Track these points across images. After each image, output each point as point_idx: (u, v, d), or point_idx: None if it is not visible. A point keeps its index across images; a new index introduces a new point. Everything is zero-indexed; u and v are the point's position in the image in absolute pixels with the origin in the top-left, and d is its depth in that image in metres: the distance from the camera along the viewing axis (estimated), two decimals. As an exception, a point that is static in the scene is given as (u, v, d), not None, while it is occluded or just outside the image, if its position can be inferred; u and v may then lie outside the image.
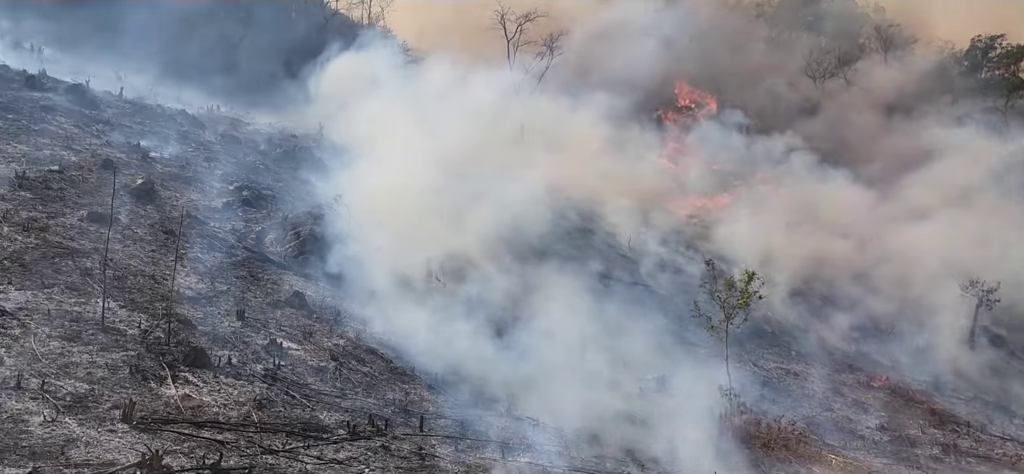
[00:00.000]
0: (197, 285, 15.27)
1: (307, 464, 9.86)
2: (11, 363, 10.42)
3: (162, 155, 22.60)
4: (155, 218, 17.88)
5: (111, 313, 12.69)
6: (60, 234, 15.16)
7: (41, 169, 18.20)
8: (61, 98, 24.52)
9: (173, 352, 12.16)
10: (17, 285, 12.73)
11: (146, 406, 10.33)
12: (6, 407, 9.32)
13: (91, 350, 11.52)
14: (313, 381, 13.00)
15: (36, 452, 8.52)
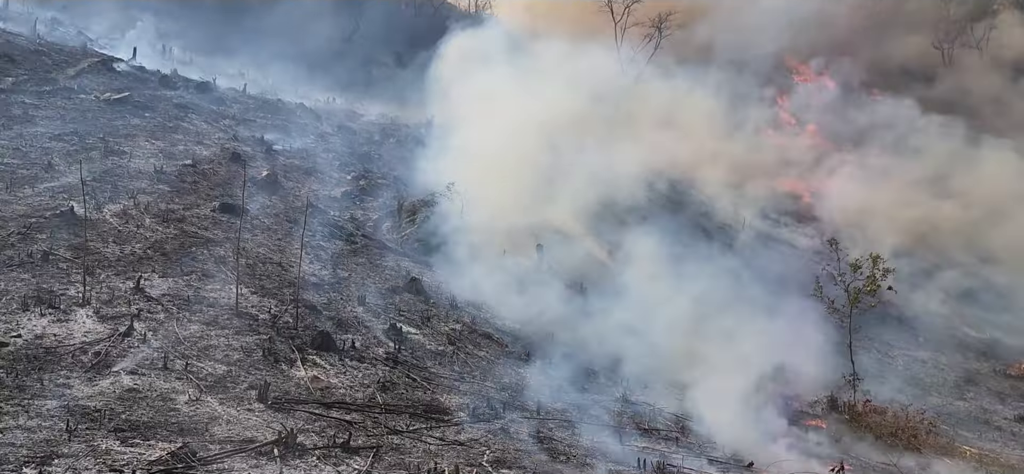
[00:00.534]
0: (320, 272, 15.92)
1: (430, 445, 10.17)
2: (157, 345, 11.16)
3: (284, 147, 23.59)
4: (280, 208, 18.72)
5: (243, 299, 13.40)
6: (195, 225, 16.08)
7: (176, 164, 19.33)
8: (191, 96, 25.92)
9: (301, 336, 12.75)
10: (160, 273, 13.60)
11: (279, 387, 10.89)
12: (156, 386, 10.01)
13: (227, 334, 12.21)
14: (432, 364, 13.37)
15: (184, 428, 9.12)
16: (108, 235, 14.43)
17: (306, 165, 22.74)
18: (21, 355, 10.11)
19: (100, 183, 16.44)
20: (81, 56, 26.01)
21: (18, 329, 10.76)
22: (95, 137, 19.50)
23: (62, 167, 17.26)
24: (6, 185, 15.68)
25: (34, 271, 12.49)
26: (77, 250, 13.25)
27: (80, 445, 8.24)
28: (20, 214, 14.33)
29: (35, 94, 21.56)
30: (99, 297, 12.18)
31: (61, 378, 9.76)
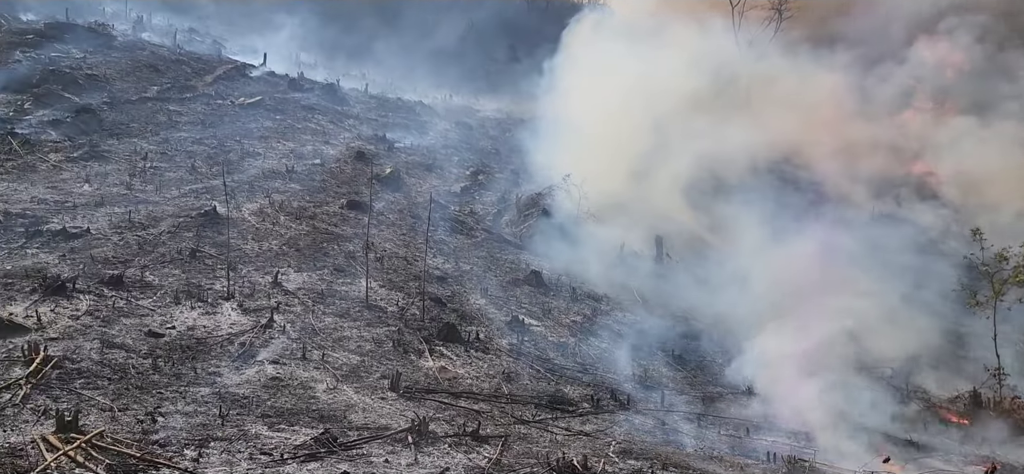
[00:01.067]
0: (443, 265, 16.34)
1: (557, 435, 10.32)
2: (296, 336, 11.77)
3: (405, 145, 24.30)
4: (403, 204, 19.31)
5: (373, 292, 13.94)
6: (326, 221, 16.81)
7: (306, 163, 20.25)
8: (317, 98, 27.03)
9: (428, 328, 13.17)
10: (295, 267, 14.31)
11: (409, 376, 11.29)
12: (296, 375, 10.58)
13: (359, 326, 12.74)
14: (554, 356, 13.52)
15: (324, 415, 9.61)
16: (247, 232, 15.29)
17: (426, 161, 23.34)
18: (176, 345, 10.88)
19: (238, 183, 17.41)
20: (217, 64, 27.55)
21: (172, 321, 11.57)
22: (232, 140, 20.67)
23: (204, 169, 18.38)
24: (156, 187, 16.85)
25: (184, 267, 13.39)
26: (221, 247, 14.11)
27: (232, 429, 8.82)
28: (169, 214, 15.38)
29: (178, 101, 23.02)
30: (242, 291, 12.94)
31: (212, 367, 10.44)
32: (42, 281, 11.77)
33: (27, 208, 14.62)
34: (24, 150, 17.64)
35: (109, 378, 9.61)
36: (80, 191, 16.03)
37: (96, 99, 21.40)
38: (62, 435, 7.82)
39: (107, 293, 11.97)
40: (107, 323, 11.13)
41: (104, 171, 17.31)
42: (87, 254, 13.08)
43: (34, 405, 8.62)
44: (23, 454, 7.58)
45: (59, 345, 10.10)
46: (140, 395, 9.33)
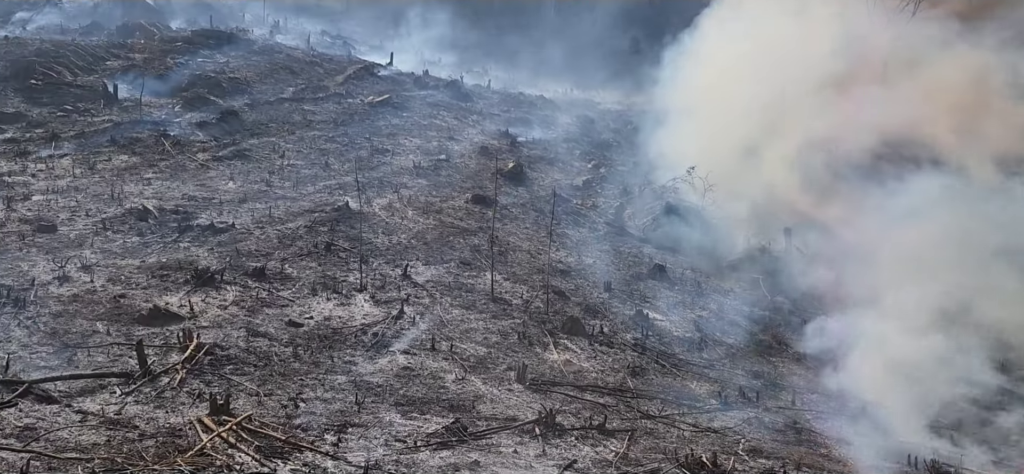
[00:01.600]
0: (566, 259, 16.41)
1: (684, 431, 10.21)
2: (425, 328, 12.12)
3: (527, 139, 24.51)
4: (526, 198, 19.51)
5: (498, 285, 14.17)
6: (451, 216, 17.21)
7: (432, 159, 20.78)
8: (441, 94, 27.66)
9: (552, 321, 13.27)
10: (423, 261, 14.73)
11: (534, 369, 11.42)
12: (426, 365, 10.91)
13: (485, 318, 12.99)
14: (680, 351, 13.35)
15: (454, 404, 9.87)
16: (378, 227, 15.85)
17: (548, 156, 23.48)
18: (314, 334, 11.43)
19: (369, 179, 18.05)
20: (347, 64, 28.65)
21: (310, 311, 12.15)
22: (362, 137, 21.46)
23: (337, 166, 19.17)
24: (293, 183, 17.71)
25: (319, 260, 14.02)
26: (353, 241, 14.69)
27: (368, 416, 9.20)
28: (306, 209, 16.13)
29: (312, 101, 24.09)
30: (373, 283, 13.44)
31: (347, 356, 10.90)
32: (193, 273, 12.60)
33: (179, 204, 15.69)
34: (175, 150, 18.92)
35: (255, 365, 10.21)
36: (225, 188, 17.05)
37: (238, 101, 22.69)
38: (215, 418, 8.38)
39: (251, 284, 12.70)
40: (251, 313, 11.81)
41: (246, 169, 18.34)
42: (233, 247, 13.90)
43: (189, 389, 9.27)
44: (182, 434, 8.17)
45: (210, 333, 10.80)
46: (283, 381, 9.87)
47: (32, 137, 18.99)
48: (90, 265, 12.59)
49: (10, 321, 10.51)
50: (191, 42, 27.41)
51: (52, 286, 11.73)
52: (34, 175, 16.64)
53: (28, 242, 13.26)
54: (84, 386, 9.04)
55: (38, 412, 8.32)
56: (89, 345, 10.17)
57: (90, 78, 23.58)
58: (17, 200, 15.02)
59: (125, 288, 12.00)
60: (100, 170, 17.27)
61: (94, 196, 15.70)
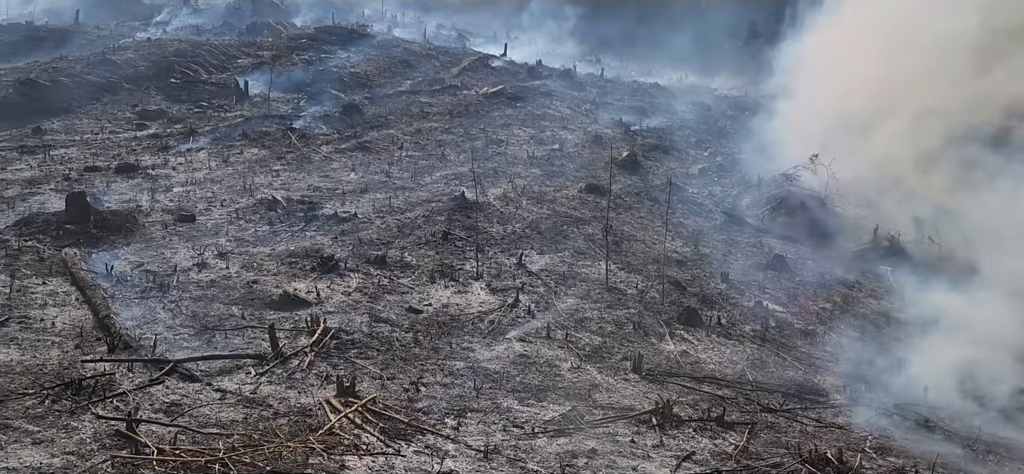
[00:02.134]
0: (682, 248, 16.18)
1: (807, 426, 9.92)
2: (540, 317, 12.22)
3: (641, 127, 24.28)
4: (640, 187, 19.34)
5: (612, 275, 14.12)
6: (565, 205, 17.25)
7: (545, 148, 20.90)
8: (554, 84, 27.76)
9: (668, 311, 13.13)
10: (537, 250, 14.85)
11: (650, 359, 11.34)
12: (542, 353, 11.01)
13: (599, 307, 12.98)
14: (801, 344, 12.96)
15: (569, 393, 9.93)
16: (493, 216, 16.07)
17: (663, 144, 23.18)
18: (433, 321, 11.73)
19: (484, 170, 18.32)
20: (462, 56, 29.16)
21: (429, 299, 12.47)
22: (477, 128, 21.79)
23: (453, 157, 19.56)
24: (411, 174, 18.18)
25: (437, 248, 14.35)
26: (469, 230, 14.96)
27: (486, 402, 9.38)
28: (424, 200, 16.54)
29: (428, 93, 24.65)
30: (489, 272, 13.65)
31: (465, 342, 11.14)
32: (319, 260, 13.16)
33: (305, 195, 16.39)
34: (301, 143, 19.77)
35: (377, 349, 10.57)
36: (347, 179, 17.69)
37: (359, 95, 23.49)
38: (342, 399, 8.74)
39: (372, 272, 13.14)
40: (374, 299, 12.22)
41: (366, 160, 18.97)
42: (355, 236, 14.42)
43: (317, 371, 9.70)
44: (311, 414, 8.57)
45: (335, 318, 11.25)
46: (404, 366, 10.18)
47: (172, 132, 20.27)
48: (225, 252, 13.33)
49: (156, 304, 11.27)
50: (315, 39, 28.54)
51: (192, 272, 12.50)
52: (174, 168, 17.74)
53: (170, 231, 14.16)
54: (222, 366, 9.61)
55: (182, 390, 8.90)
56: (226, 327, 10.78)
57: (223, 76, 24.95)
58: (160, 191, 16.06)
59: (257, 274, 12.65)
60: (233, 163, 18.24)
61: (228, 187, 16.60)
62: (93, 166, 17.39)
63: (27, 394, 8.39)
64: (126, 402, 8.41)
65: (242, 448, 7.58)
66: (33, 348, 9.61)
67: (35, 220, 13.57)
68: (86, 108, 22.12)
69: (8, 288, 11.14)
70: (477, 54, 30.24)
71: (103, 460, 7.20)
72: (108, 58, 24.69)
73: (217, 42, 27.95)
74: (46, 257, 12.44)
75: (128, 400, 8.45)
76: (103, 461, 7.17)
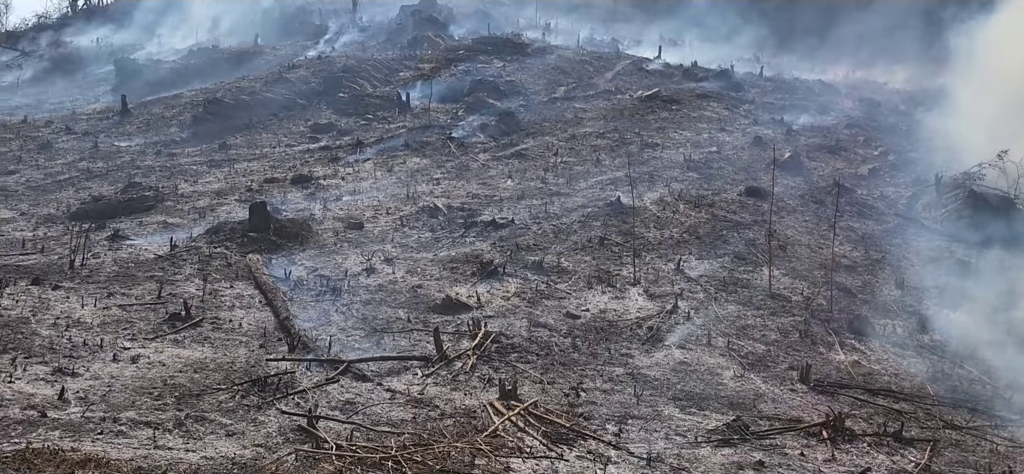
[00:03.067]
0: (851, 253, 15.38)
1: (998, 445, 9.17)
2: (699, 322, 11.99)
3: (804, 127, 23.29)
4: (804, 189, 18.55)
5: (776, 281, 13.63)
6: (724, 209, 16.82)
7: (702, 151, 20.46)
8: (711, 85, 27.12)
9: (836, 319, 12.52)
10: (696, 255, 14.57)
11: (818, 369, 10.85)
12: (703, 361, 10.79)
13: (762, 314, 12.56)
14: (988, 356, 11.98)
15: (733, 402, 9.67)
16: (649, 221, 15.92)
17: (828, 143, 22.15)
18: (590, 326, 11.76)
19: (639, 174, 18.17)
20: (615, 60, 29.06)
21: (586, 304, 12.52)
22: (632, 133, 21.65)
23: (607, 162, 19.54)
24: (566, 180, 18.31)
25: (593, 254, 14.38)
26: (626, 235, 14.90)
27: (647, 409, 9.30)
28: (579, 205, 16.62)
29: (582, 99, 24.75)
30: (646, 277, 13.53)
31: (623, 348, 11.09)
32: (479, 265, 13.51)
33: (464, 202, 16.87)
34: (460, 151, 20.37)
35: (537, 354, 10.72)
36: (504, 186, 18.06)
37: (515, 103, 23.90)
38: (504, 402, 8.93)
39: (530, 277, 13.35)
40: (532, 304, 12.41)
41: (522, 167, 19.28)
42: (513, 242, 14.69)
43: (480, 374, 9.96)
44: (475, 415, 8.81)
45: (495, 322, 11.51)
46: (563, 371, 10.27)
47: (341, 144, 21.43)
48: (391, 258, 13.94)
49: (330, 307, 11.96)
50: (472, 50, 29.32)
51: (361, 277, 13.16)
52: (343, 178, 18.75)
53: (341, 237, 14.98)
54: (391, 367, 10.05)
55: (355, 388, 9.40)
56: (393, 330, 11.29)
57: (386, 89, 26.11)
58: (331, 201, 17.02)
59: (421, 279, 13.15)
60: (396, 172, 19.06)
61: (392, 195, 17.36)
62: (272, 177, 18.68)
63: (220, 389, 9.12)
64: (306, 399, 8.97)
65: (413, 447, 7.91)
66: (223, 347, 10.44)
67: (223, 228, 14.73)
68: (265, 123, 23.79)
69: (201, 291, 12.16)
70: (631, 58, 30.02)
71: (288, 452, 7.71)
72: (284, 76, 26.44)
73: (380, 57, 29.29)
74: (233, 262, 13.48)
75: (308, 397, 9.02)
76: (288, 454, 7.69)
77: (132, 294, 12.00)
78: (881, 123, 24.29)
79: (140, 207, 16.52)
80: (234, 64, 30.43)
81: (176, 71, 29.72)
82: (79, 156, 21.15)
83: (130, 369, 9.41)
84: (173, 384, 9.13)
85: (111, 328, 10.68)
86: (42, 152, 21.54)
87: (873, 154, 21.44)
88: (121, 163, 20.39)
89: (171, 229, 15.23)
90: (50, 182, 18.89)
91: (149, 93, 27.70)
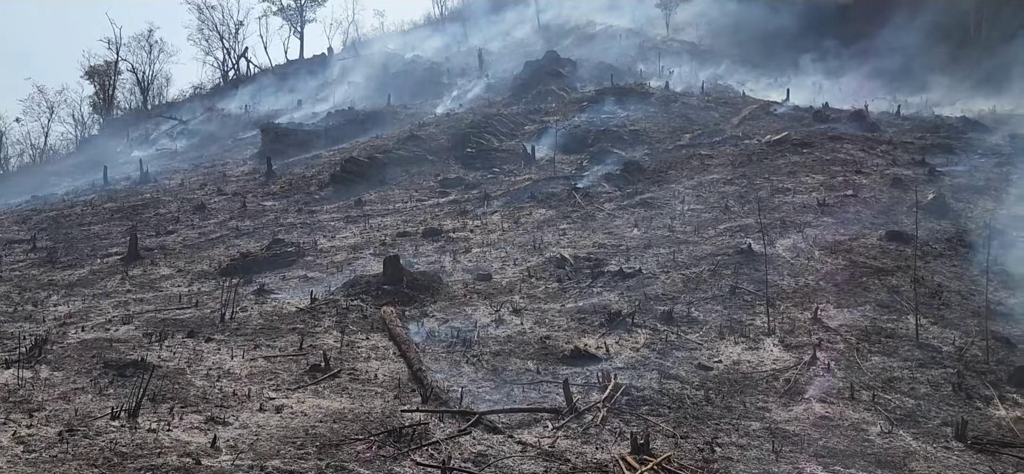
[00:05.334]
0: (1008, 300, 14.33)
1: None
2: (841, 375, 11.44)
3: (949, 168, 22.04)
4: (951, 232, 17.51)
5: (924, 330, 12.86)
6: (863, 254, 16.08)
7: (837, 195, 19.67)
8: (844, 126, 26.15)
9: (995, 371, 11.66)
10: (834, 303, 13.96)
11: (976, 425, 10.11)
12: (846, 415, 10.26)
13: (910, 366, 11.86)
14: None
15: (880, 460, 9.13)
16: (783, 268, 15.41)
17: (975, 183, 20.88)
18: (724, 378, 11.43)
19: (771, 220, 17.67)
20: (741, 105, 28.51)
21: (718, 355, 12.20)
22: (761, 177, 21.11)
23: (736, 208, 19.10)
24: (693, 228, 18.02)
25: (725, 303, 14.03)
26: (758, 283, 14.46)
27: (787, 466, 8.92)
28: (708, 253, 16.30)
29: (708, 145, 24.37)
30: (781, 327, 13.06)
31: (759, 401, 10.71)
32: (607, 316, 13.43)
33: (591, 252, 16.88)
34: (585, 201, 20.44)
35: (668, 406, 10.51)
36: (630, 235, 17.95)
37: (639, 151, 23.82)
38: (637, 456, 8.78)
39: (659, 327, 13.15)
40: (662, 355, 12.20)
41: (648, 216, 19.13)
42: (641, 291, 14.55)
43: (611, 427, 9.85)
44: (607, 470, 8.70)
45: (625, 374, 11.38)
46: (697, 424, 10.01)
47: (469, 198, 21.96)
48: (520, 309, 14.09)
49: (461, 358, 12.18)
50: (595, 100, 29.51)
51: (490, 328, 13.35)
52: (472, 231, 19.17)
53: (470, 289, 15.27)
54: (521, 419, 10.10)
55: (487, 441, 9.48)
56: (523, 382, 11.35)
57: (512, 142, 26.62)
58: (460, 253, 17.42)
59: (549, 330, 13.20)
60: (523, 223, 19.32)
61: (519, 247, 17.58)
62: (404, 231, 19.33)
63: (358, 440, 9.42)
64: (439, 450, 9.13)
65: (544, 500, 7.88)
66: (360, 397, 10.80)
67: (359, 282, 15.32)
68: (397, 179, 24.72)
69: (339, 343, 12.66)
70: (757, 102, 29.38)
71: (423, 503, 7.86)
72: (414, 134, 27.47)
73: (506, 112, 29.96)
74: (368, 315, 13.98)
75: (441, 449, 9.17)
76: (423, 504, 7.83)
77: (276, 346, 12.63)
78: (1035, 158, 22.67)
79: (283, 262, 17.44)
80: (369, 125, 31.89)
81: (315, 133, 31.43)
82: (229, 215, 22.61)
83: (275, 419, 9.87)
84: (314, 434, 9.50)
85: (257, 379, 11.27)
86: (197, 213, 23.18)
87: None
88: (266, 221, 21.65)
89: (311, 283, 15.97)
90: (203, 240, 20.27)
91: (291, 154, 29.37)
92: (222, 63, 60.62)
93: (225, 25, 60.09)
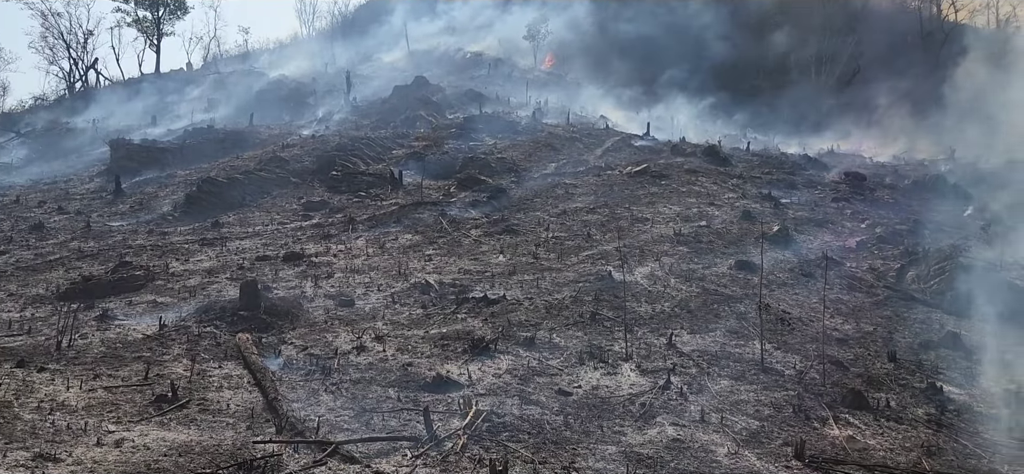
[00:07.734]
0: (842, 326, 15.38)
1: (996, 522, 9.04)
2: (693, 399, 11.89)
3: (791, 201, 23.52)
4: (793, 262, 18.65)
5: (768, 355, 13.58)
6: (715, 282, 16.87)
7: (692, 225, 20.60)
8: (698, 160, 27.47)
9: (830, 393, 12.44)
10: (688, 329, 14.54)
11: (813, 445, 10.73)
12: (696, 438, 10.66)
13: (755, 389, 12.48)
14: (983, 429, 11.88)
15: (727, 481, 9.53)
16: (640, 295, 15.93)
17: (816, 217, 22.36)
18: (582, 403, 11.64)
19: (630, 248, 18.26)
20: (605, 136, 29.43)
21: (578, 380, 12.42)
22: (622, 207, 21.81)
23: (598, 236, 19.63)
24: (557, 255, 18.37)
25: (585, 329, 14.34)
26: (618, 310, 14.87)
27: (640, 488, 9.15)
28: (570, 280, 16.64)
29: (572, 175, 24.98)
30: (638, 352, 13.47)
31: (616, 426, 10.96)
32: (471, 342, 13.43)
33: (456, 278, 16.88)
34: (452, 228, 20.45)
35: (528, 432, 10.59)
36: (496, 262, 18.09)
37: (506, 179, 24.10)
38: (495, 482, 8.78)
39: (522, 353, 13.27)
40: (524, 381, 12.31)
41: (514, 243, 19.35)
42: (504, 318, 14.65)
43: (471, 454, 9.81)
44: (465, 497, 8.65)
45: (487, 400, 11.39)
46: (555, 449, 10.13)
47: (334, 222, 21.51)
48: (382, 336, 13.88)
49: (319, 387, 11.84)
50: (463, 127, 29.68)
51: (351, 355, 13.07)
52: (335, 255, 18.77)
53: (332, 315, 14.92)
54: (380, 448, 9.91)
55: (344, 471, 9.24)
56: (383, 410, 11.14)
57: (379, 166, 26.34)
58: (322, 278, 17.01)
59: (412, 357, 13.06)
60: (389, 249, 19.10)
61: (384, 272, 17.36)
62: (263, 255, 18.69)
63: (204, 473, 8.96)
64: (293, 482, 8.81)
65: (400, 530, 7.73)
66: (210, 429, 10.29)
67: (213, 308, 14.67)
68: (258, 201, 23.92)
69: (189, 372, 12.04)
70: (619, 134, 30.44)
71: (273, 538, 7.54)
72: (278, 155, 26.70)
73: (374, 136, 29.64)
74: (222, 342, 13.38)
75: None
76: (273, 539, 7.51)
77: (119, 375, 11.87)
78: (867, 196, 24.56)
79: (130, 286, 16.46)
80: (229, 144, 30.74)
81: (171, 151, 29.98)
82: (71, 236, 21.16)
83: (114, 454, 9.25)
84: (157, 468, 8.96)
85: (96, 411, 10.54)
86: (33, 232, 21.55)
87: (860, 227, 21.61)
88: (113, 242, 20.40)
89: (161, 309, 15.15)
90: (41, 262, 18.86)
91: (143, 173, 27.88)
92: (68, 73, 57.04)
93: (73, 34, 56.67)
